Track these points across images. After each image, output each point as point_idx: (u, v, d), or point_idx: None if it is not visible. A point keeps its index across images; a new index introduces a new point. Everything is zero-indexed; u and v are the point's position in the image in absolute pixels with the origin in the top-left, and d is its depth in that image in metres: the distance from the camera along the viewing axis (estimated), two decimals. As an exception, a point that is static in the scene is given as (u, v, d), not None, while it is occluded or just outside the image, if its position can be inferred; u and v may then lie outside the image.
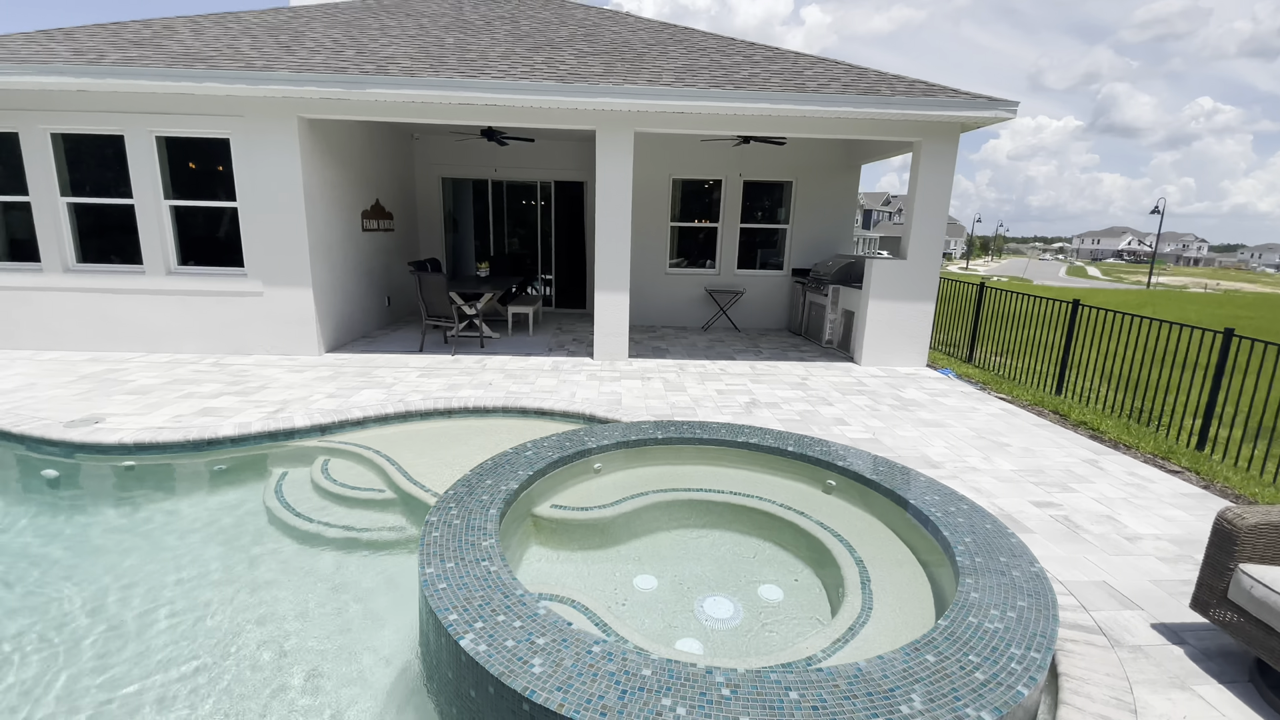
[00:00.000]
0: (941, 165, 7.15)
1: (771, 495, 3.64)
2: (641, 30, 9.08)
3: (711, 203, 10.33)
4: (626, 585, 3.08)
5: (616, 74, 6.90)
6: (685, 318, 10.54)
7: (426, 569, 2.40)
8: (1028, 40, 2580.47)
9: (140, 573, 3.30)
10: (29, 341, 7.31)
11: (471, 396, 5.69)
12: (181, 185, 7.23)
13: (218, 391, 5.80)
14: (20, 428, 4.75)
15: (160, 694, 2.42)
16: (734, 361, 7.78)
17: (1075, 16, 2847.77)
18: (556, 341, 8.62)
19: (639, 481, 3.84)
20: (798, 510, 3.43)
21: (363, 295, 8.61)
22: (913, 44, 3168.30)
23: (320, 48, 7.38)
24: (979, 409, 5.98)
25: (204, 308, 7.30)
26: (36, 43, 7.10)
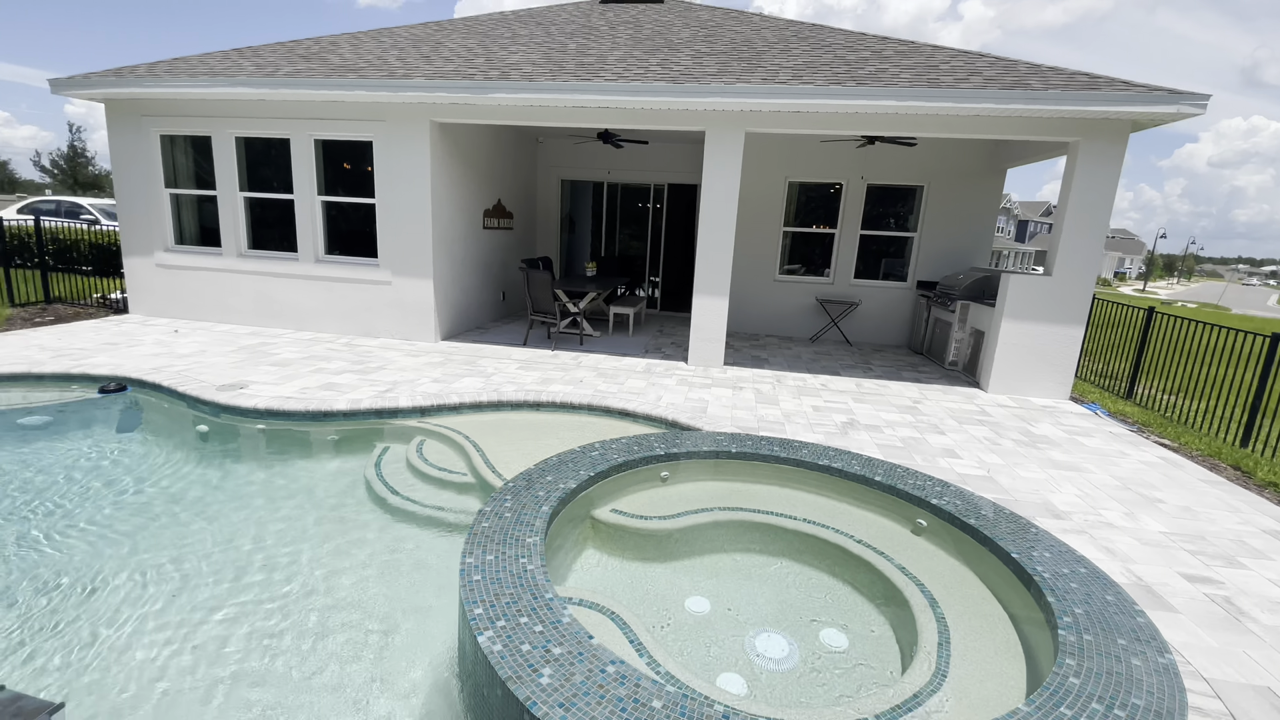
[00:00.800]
0: (1103, 169, 6.18)
1: (851, 529, 3.30)
2: (766, 30, 8.79)
3: (830, 207, 9.78)
4: (676, 605, 2.92)
5: (730, 73, 6.71)
6: (792, 327, 10.07)
7: (467, 558, 2.41)
8: (1241, 28, 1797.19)
9: (252, 520, 3.67)
10: (209, 315, 8.51)
11: (560, 392, 5.78)
12: (331, 183, 8.06)
13: (342, 369, 6.38)
14: (183, 387, 5.50)
15: (252, 613, 2.64)
16: (838, 377, 7.28)
17: None
18: (654, 344, 8.58)
19: (707, 496, 3.65)
20: (878, 550, 3.07)
21: (479, 289, 9.11)
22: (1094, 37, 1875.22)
23: (454, 56, 7.90)
24: (1129, 454, 5.08)
25: (342, 293, 8.09)
26: (229, 59, 8.26)
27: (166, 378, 5.71)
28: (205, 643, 2.60)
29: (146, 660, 2.49)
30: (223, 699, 2.31)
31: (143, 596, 2.89)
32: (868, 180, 9.45)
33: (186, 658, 2.51)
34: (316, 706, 2.28)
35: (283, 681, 2.41)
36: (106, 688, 2.34)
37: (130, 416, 5.37)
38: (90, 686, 2.34)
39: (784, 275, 10.10)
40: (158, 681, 2.39)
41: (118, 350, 6.64)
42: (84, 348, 6.65)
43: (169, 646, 2.57)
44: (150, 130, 8.17)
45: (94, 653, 2.52)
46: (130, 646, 2.56)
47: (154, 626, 2.69)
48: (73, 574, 3.04)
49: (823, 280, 9.97)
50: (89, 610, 2.78)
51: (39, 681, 2.34)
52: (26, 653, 2.49)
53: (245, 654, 2.55)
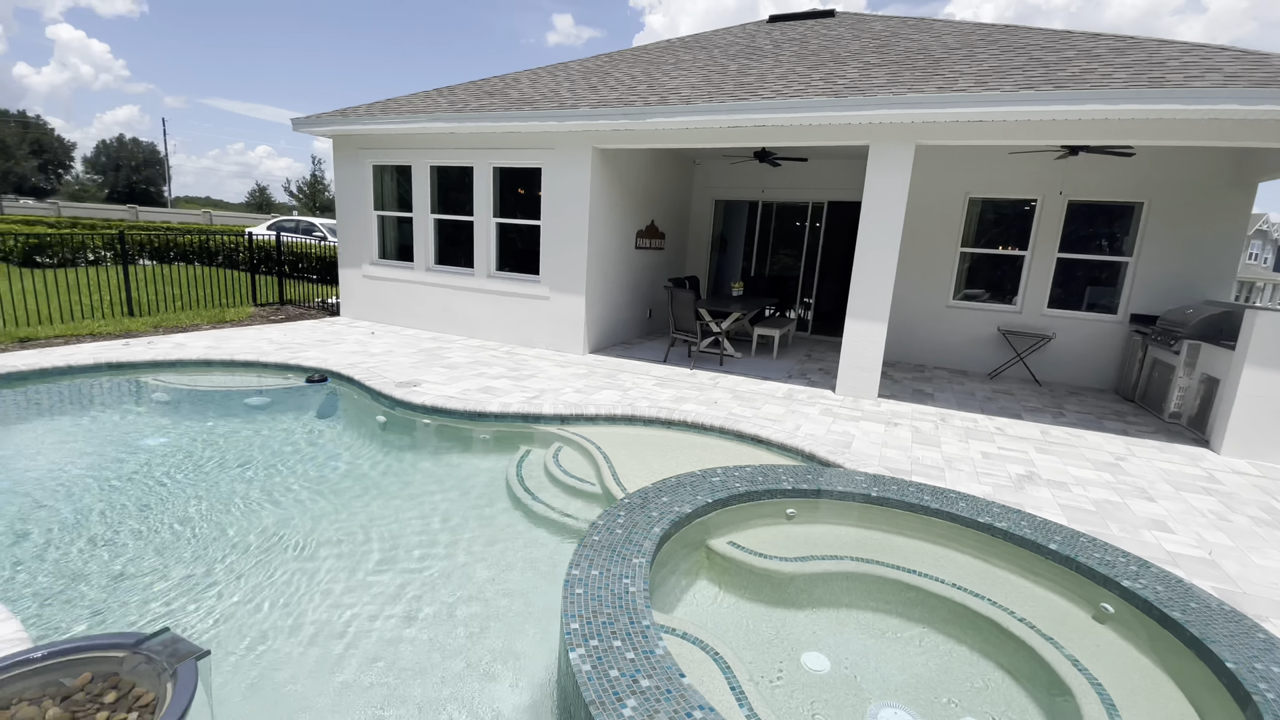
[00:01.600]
0: None
1: (1012, 603, 2.80)
2: (947, 35, 8.08)
3: (1019, 226, 8.65)
4: (790, 657, 2.67)
5: (900, 83, 6.24)
6: (967, 360, 9.01)
7: (573, 570, 2.42)
8: None
9: (408, 501, 4.08)
10: (399, 320, 9.74)
11: (693, 412, 5.71)
12: (505, 206, 8.85)
13: (500, 374, 6.91)
14: (370, 382, 6.31)
15: (396, 585, 2.92)
16: (1018, 421, 6.34)
17: None
18: (800, 369, 8.17)
19: (838, 542, 3.34)
20: (1044, 633, 2.56)
21: (626, 306, 9.40)
22: None
23: (619, 85, 8.29)
24: None
25: (507, 306, 8.81)
26: (430, 98, 9.47)
27: (359, 372, 6.59)
28: (362, 597, 2.90)
29: (321, 602, 2.83)
30: (370, 650, 2.55)
31: (319, 556, 3.31)
32: (1069, 196, 8.21)
33: (337, 610, 2.82)
34: (444, 670, 2.42)
35: (416, 644, 2.59)
36: (280, 616, 2.70)
37: (328, 403, 6.26)
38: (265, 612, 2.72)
39: (959, 301, 9.11)
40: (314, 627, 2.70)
41: (326, 347, 7.83)
42: (301, 343, 7.94)
43: (331, 595, 2.91)
44: (365, 161, 9.61)
45: (280, 590, 2.92)
46: (306, 591, 2.94)
47: (326, 577, 3.06)
48: (272, 529, 3.58)
49: (1008, 308, 8.82)
50: (280, 557, 3.25)
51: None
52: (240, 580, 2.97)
53: (394, 616, 2.79)
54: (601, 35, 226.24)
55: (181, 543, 3.42)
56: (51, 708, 1.54)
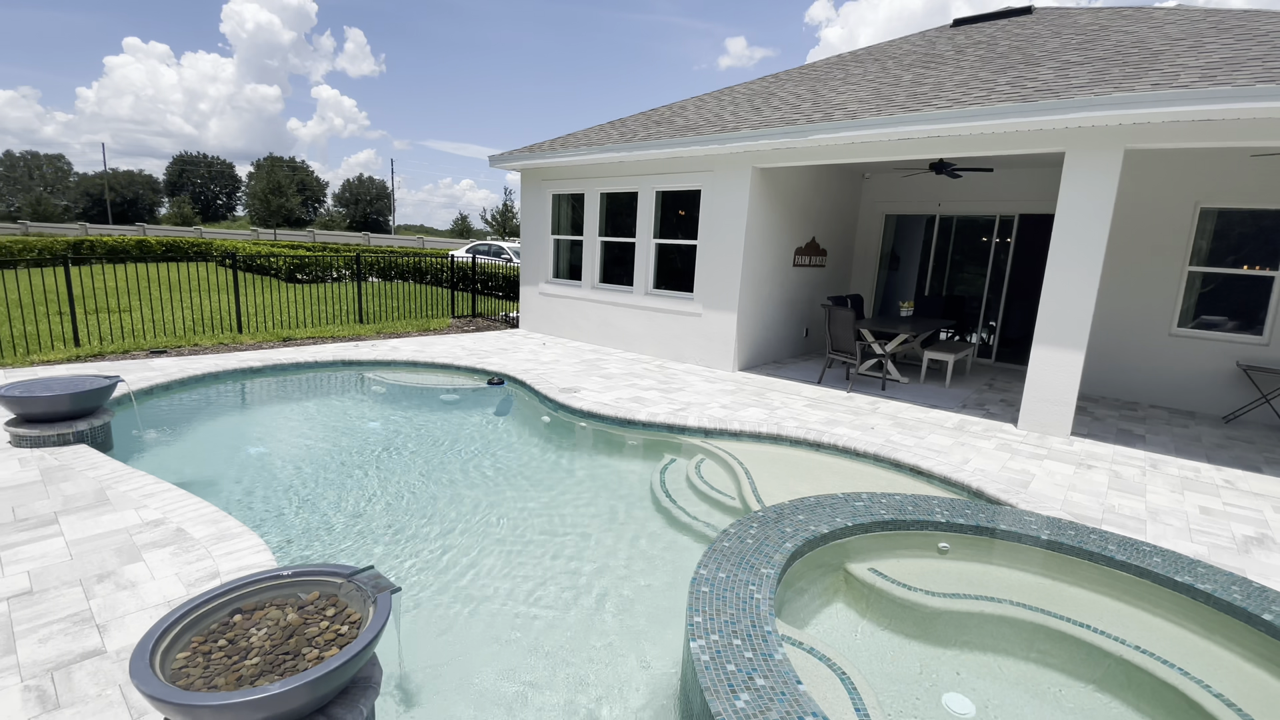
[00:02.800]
0: None
1: (1209, 676, 2.37)
2: (1170, 25, 6.96)
3: (1268, 240, 7.11)
4: (929, 694, 2.52)
5: (1106, 82, 5.53)
6: (1194, 399, 7.56)
7: (700, 570, 2.54)
8: None
9: (563, 493, 4.50)
10: (567, 333, 10.61)
11: (844, 436, 5.51)
12: (664, 227, 9.28)
13: (650, 386, 7.25)
14: (538, 386, 6.99)
15: (547, 565, 3.28)
16: (1256, 474, 5.21)
17: None
18: (976, 399, 7.45)
19: (995, 583, 3.06)
20: (1243, 712, 2.14)
21: (781, 324, 9.29)
22: None
23: (783, 104, 8.33)
24: None
25: (662, 322, 9.19)
26: (603, 131, 10.26)
27: (530, 378, 7.33)
28: (521, 568, 3.29)
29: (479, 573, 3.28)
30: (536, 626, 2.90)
31: (488, 533, 3.81)
32: (1348, 202, 6.59)
33: (498, 583, 3.22)
34: (588, 650, 2.68)
35: (563, 623, 2.89)
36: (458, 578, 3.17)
37: (504, 403, 7.04)
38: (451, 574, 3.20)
39: (1186, 329, 7.70)
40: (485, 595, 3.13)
41: (505, 354, 8.80)
42: (486, 350, 9.01)
43: (493, 570, 3.34)
44: (546, 190, 10.67)
45: (463, 550, 3.43)
46: (470, 562, 3.41)
47: (495, 551, 3.53)
48: (462, 508, 4.18)
49: (1252, 339, 7.27)
50: (456, 524, 3.79)
51: (412, 578, 3.30)
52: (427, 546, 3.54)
53: (544, 596, 3.14)
54: (775, 54, 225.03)
55: (388, 505, 4.13)
56: (291, 612, 2.02)
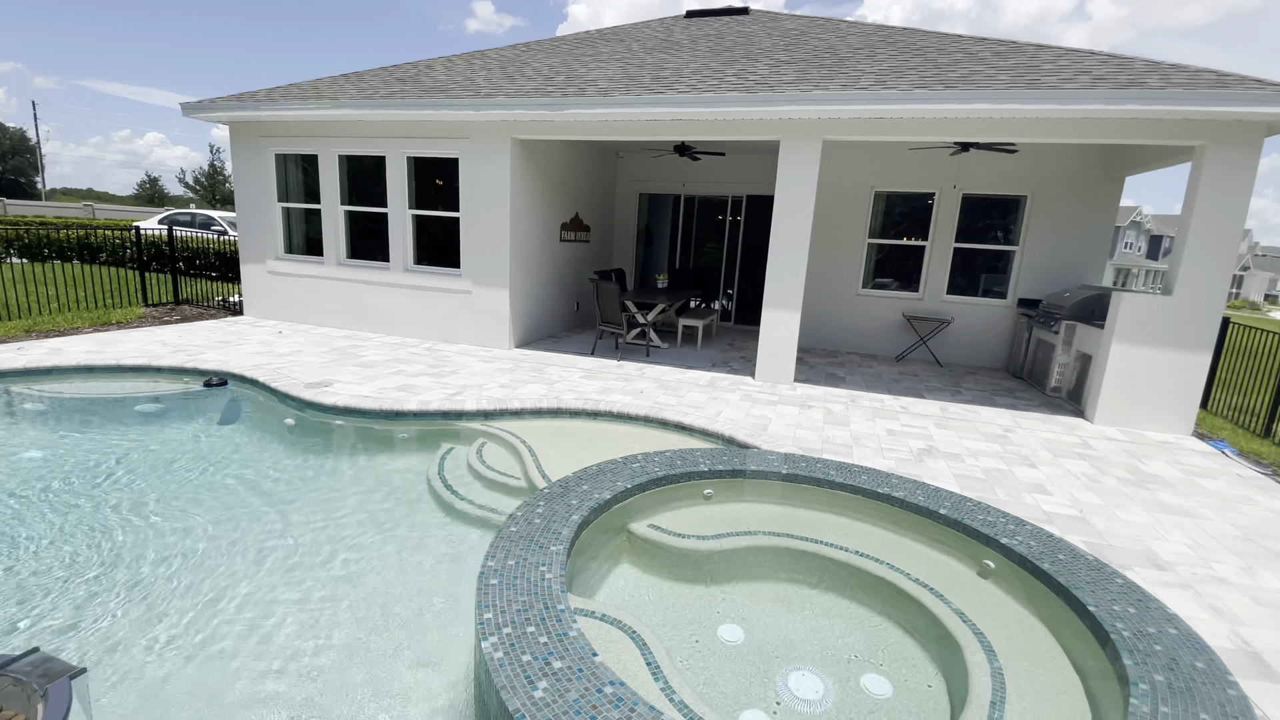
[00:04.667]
0: (1233, 177, 5.42)
1: (908, 565, 3.03)
2: (852, 35, 8.48)
3: (920, 219, 9.23)
4: (708, 630, 2.78)
5: (808, 80, 6.51)
6: (876, 345, 9.55)
7: (489, 561, 2.41)
8: None
9: (319, 507, 3.90)
10: (310, 318, 9.25)
11: (619, 402, 5.77)
12: (421, 198, 8.56)
13: (420, 371, 6.70)
14: (276, 383, 5.98)
15: (304, 587, 2.79)
16: (921, 400, 6.80)
17: None
18: (722, 357, 8.41)
19: (752, 518, 3.48)
20: (935, 590, 2.79)
21: (553, 299, 9.34)
22: (1240, 37, 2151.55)
23: (537, 75, 8.19)
24: (1257, 501, 4.36)
25: (427, 301, 8.55)
26: (337, 84, 9.01)
27: (263, 374, 6.23)
28: (266, 610, 2.76)
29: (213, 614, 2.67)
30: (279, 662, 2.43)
31: (217, 567, 3.13)
32: (962, 190, 8.83)
33: (238, 619, 2.68)
34: (364, 672, 2.35)
35: (335, 651, 2.50)
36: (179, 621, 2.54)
37: (230, 408, 5.88)
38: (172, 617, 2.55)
39: (868, 290, 9.62)
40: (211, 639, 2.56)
41: (227, 348, 7.34)
42: (199, 345, 7.41)
43: (224, 612, 2.75)
44: (267, 149, 9.04)
45: (182, 598, 2.74)
46: (215, 599, 2.77)
47: (245, 588, 2.90)
48: (170, 545, 3.34)
49: (911, 296, 9.40)
50: (201, 566, 3.04)
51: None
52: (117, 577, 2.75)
53: (298, 622, 2.68)
54: (524, 24, 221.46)
55: (71, 558, 3.14)
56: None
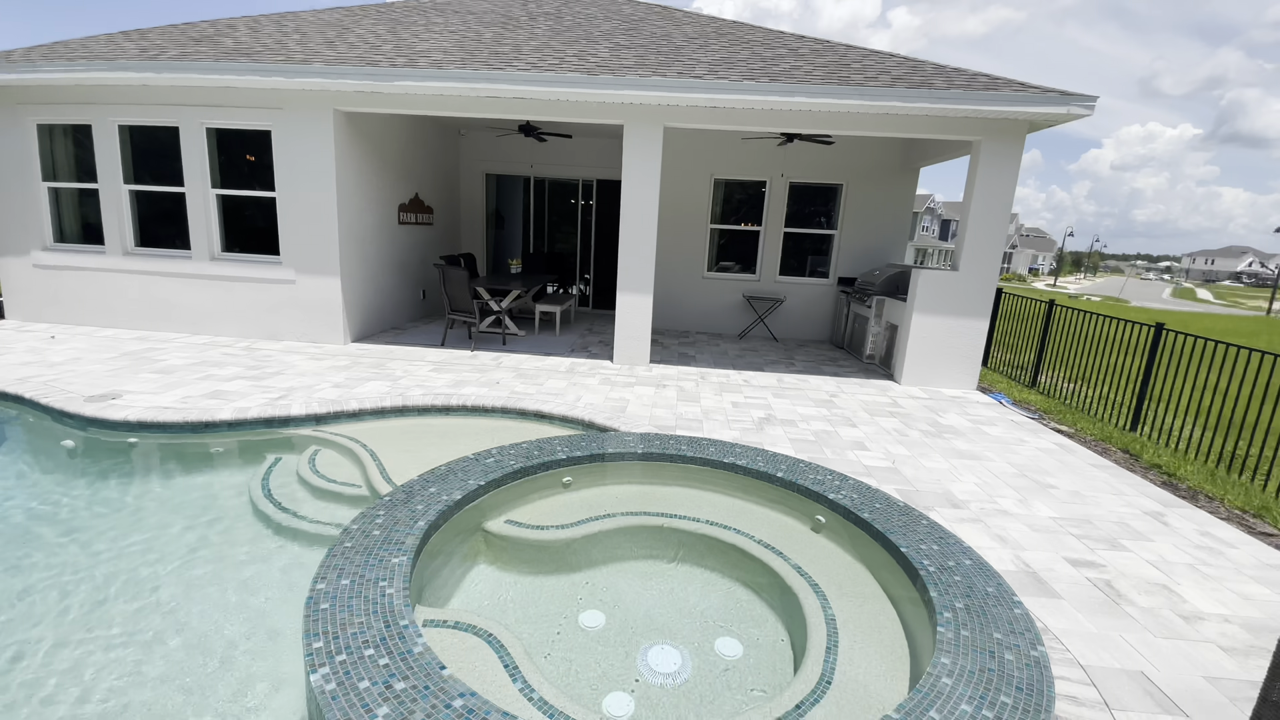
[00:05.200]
0: (1003, 168, 6.43)
1: (754, 528, 3.23)
2: (687, 25, 8.74)
3: (756, 205, 9.85)
4: (569, 620, 2.76)
5: (647, 66, 6.60)
6: (722, 324, 10.10)
7: (318, 584, 2.17)
8: (1141, 42, 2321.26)
9: (118, 542, 3.27)
10: (91, 318, 7.75)
11: (473, 395, 5.52)
12: (229, 175, 7.48)
13: (235, 375, 5.90)
14: (46, 399, 4.94)
15: (109, 633, 2.31)
16: (761, 373, 7.31)
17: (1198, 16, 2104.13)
18: (581, 343, 8.40)
19: (611, 500, 3.51)
20: (777, 550, 3.01)
21: (395, 287, 8.68)
22: (1009, 47, 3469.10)
23: (360, 42, 7.47)
24: (1028, 442, 5.28)
25: (243, 293, 7.53)
26: (113, 42, 7.54)
27: (30, 389, 5.13)
28: (59, 659, 2.26)
29: None
30: None
31: (-55, 645, 2.50)
32: (789, 178, 9.56)
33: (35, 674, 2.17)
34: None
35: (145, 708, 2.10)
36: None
37: (-22, 434, 4.77)
38: None
39: (713, 273, 10.11)
40: None
41: (-33, 360, 5.92)
42: (-75, 358, 5.90)
43: None
44: (26, 120, 7.39)
45: None
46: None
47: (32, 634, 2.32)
48: None
49: (750, 277, 10.03)
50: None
51: None
52: None
53: (99, 668, 2.22)
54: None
55: None
56: None
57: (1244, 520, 4.13)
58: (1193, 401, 6.01)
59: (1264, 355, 4.90)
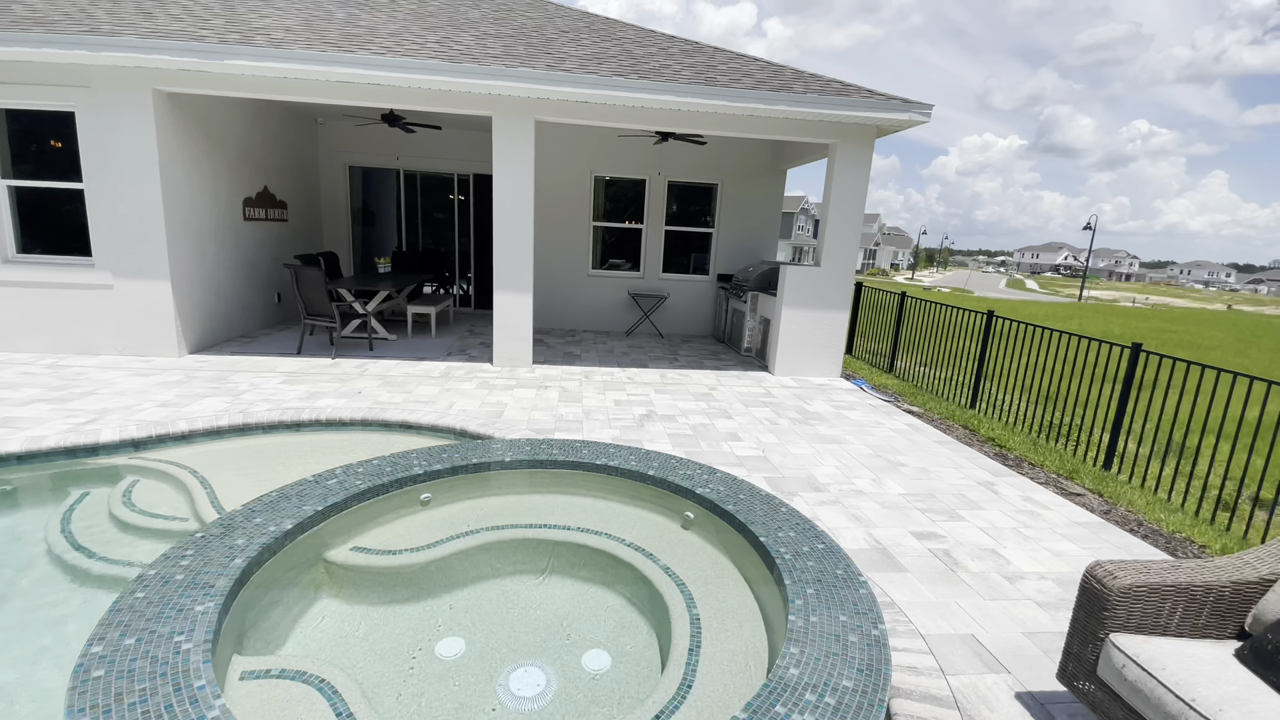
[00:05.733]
0: (856, 168, 6.87)
1: (625, 531, 3.17)
2: (560, 19, 8.56)
3: (638, 203, 9.90)
4: (425, 651, 2.54)
5: (514, 57, 6.37)
6: (608, 322, 10.06)
7: (93, 646, 1.82)
8: (976, 62, 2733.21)
9: None
10: None
11: (329, 407, 5.05)
12: (25, 164, 6.35)
13: (32, 398, 5.00)
14: None
15: None
16: (645, 370, 7.34)
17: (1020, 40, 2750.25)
18: (460, 345, 8.00)
19: (476, 515, 3.31)
20: (646, 551, 2.97)
21: (242, 291, 7.81)
22: (869, 60, 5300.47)
23: (186, 15, 6.60)
24: (883, 424, 5.68)
25: (46, 301, 6.42)
26: None
27: None
28: None
29: None
30: None
31: None
32: (668, 177, 9.69)
33: None
34: None
35: None
36: None
37: None
38: None
39: (598, 270, 10.04)
40: None
41: None
42: None
43: None
44: None
45: None
46: None
47: None
48: None
49: (635, 275, 10.07)
50: None
51: None
52: None
53: None
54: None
55: None
56: None
57: (1059, 483, 4.67)
58: (1020, 378, 6.76)
59: (1071, 336, 5.59)
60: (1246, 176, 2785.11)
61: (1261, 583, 1.92)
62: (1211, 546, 3.76)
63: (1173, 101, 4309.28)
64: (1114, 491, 4.51)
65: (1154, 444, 5.05)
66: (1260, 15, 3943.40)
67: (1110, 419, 5.07)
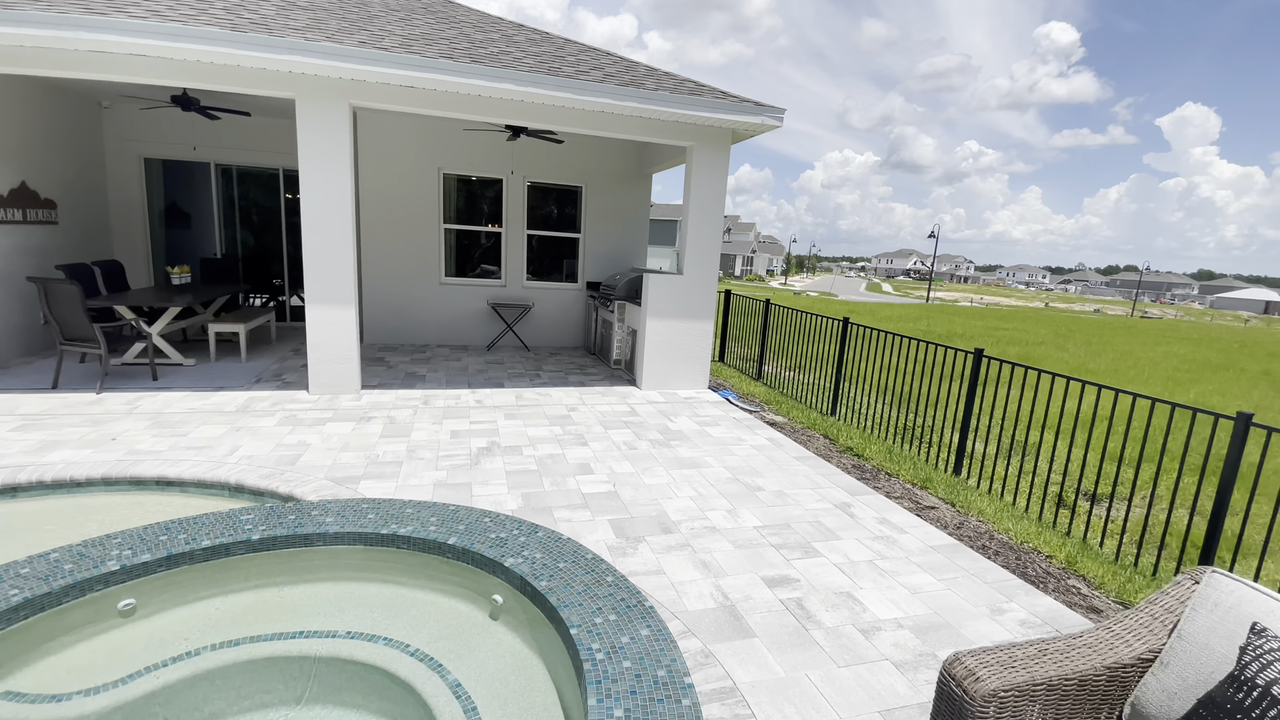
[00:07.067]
0: (714, 172, 6.59)
1: (411, 631, 2.47)
2: (393, -5, 7.60)
3: (496, 205, 9.10)
4: None
5: (321, 32, 5.41)
6: (467, 335, 9.17)
7: None
8: (835, 83, 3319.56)
9: None
10: None
11: (58, 464, 3.87)
12: None
13: None
14: None
15: None
16: (499, 390, 6.60)
17: (872, 65, 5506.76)
18: (277, 369, 6.81)
19: (200, 625, 2.46)
20: (434, 662, 2.29)
21: (-27, 311, 6.13)
22: (743, 77, 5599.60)
23: None
24: (744, 440, 5.38)
25: None
26: None
27: None
28: None
29: None
30: None
31: None
32: (527, 177, 8.99)
33: None
34: None
35: None
36: None
37: None
38: None
39: (452, 278, 9.11)
40: None
41: None
42: None
43: None
44: None
45: None
46: None
47: None
48: None
49: (495, 283, 9.26)
50: None
51: None
52: None
53: None
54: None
55: None
56: None
57: (913, 495, 4.56)
58: (876, 381, 6.79)
59: (920, 343, 5.60)
60: (1055, 192, 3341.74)
61: (1139, 663, 1.63)
62: (1057, 556, 3.74)
63: (996, 125, 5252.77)
64: (965, 500, 4.46)
65: (999, 443, 5.13)
66: (1065, 51, 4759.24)
67: (959, 418, 5.10)
